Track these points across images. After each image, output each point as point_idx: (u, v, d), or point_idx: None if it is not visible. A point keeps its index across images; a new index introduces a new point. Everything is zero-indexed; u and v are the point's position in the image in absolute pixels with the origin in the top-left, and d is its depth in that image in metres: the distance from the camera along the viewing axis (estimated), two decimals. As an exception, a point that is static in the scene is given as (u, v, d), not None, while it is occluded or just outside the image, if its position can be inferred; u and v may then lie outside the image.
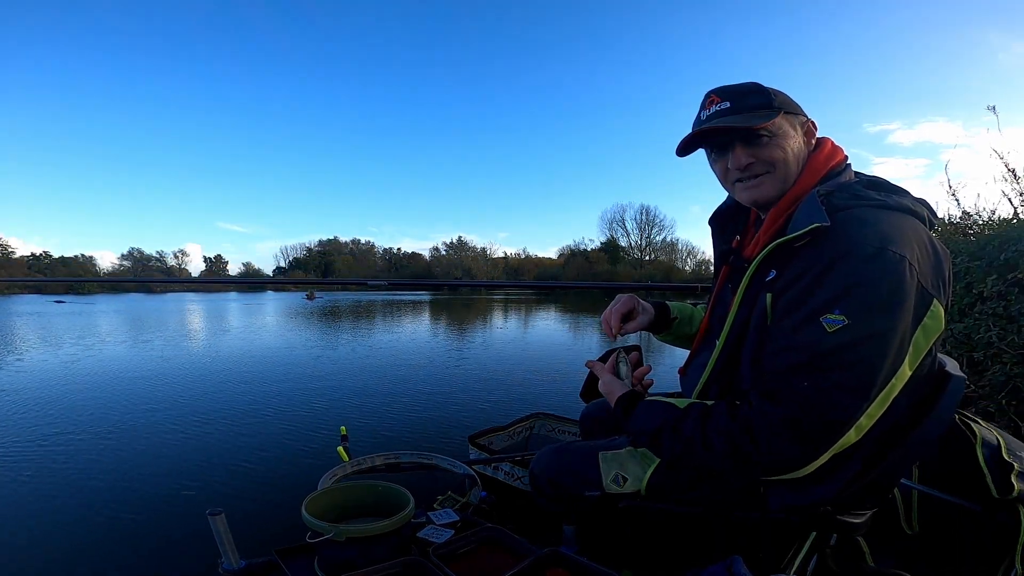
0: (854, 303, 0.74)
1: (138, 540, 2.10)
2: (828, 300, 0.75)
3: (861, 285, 0.74)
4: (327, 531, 1.18)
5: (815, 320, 0.76)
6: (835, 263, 0.77)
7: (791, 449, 0.77)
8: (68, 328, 12.50)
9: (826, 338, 0.74)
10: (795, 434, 0.76)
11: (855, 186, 0.88)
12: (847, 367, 0.73)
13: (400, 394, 4.89)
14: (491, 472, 2.18)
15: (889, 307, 0.74)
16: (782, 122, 0.93)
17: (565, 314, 18.13)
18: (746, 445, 0.79)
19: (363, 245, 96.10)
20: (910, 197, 0.88)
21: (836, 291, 0.75)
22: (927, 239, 0.82)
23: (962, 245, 3.29)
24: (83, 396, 4.84)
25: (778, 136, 0.93)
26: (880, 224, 0.79)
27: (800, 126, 0.96)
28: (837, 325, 0.73)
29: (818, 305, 0.76)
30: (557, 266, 70.11)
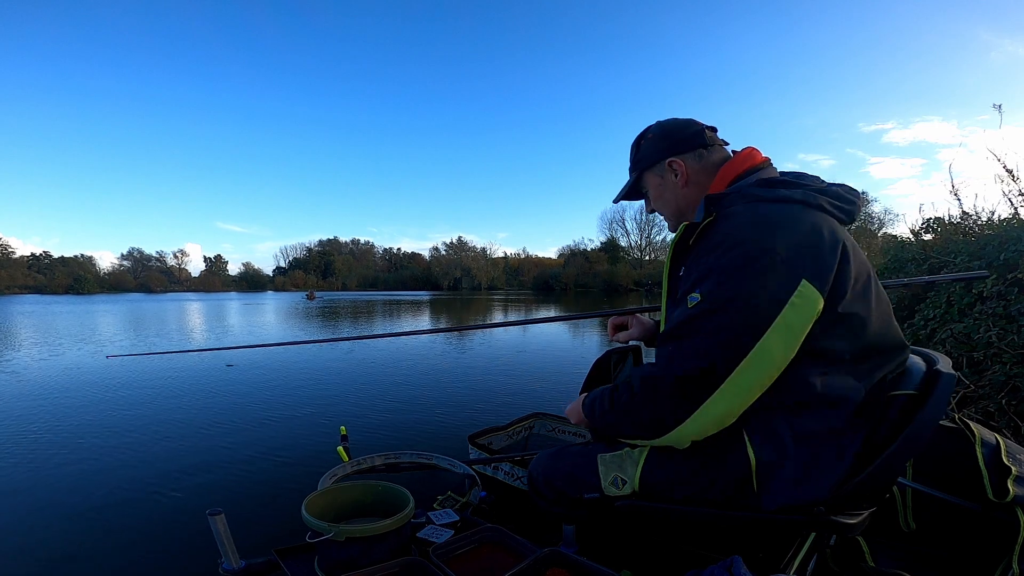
0: (709, 283, 0.86)
1: (138, 540, 2.10)
2: (693, 283, 0.89)
3: (717, 269, 0.86)
4: (327, 531, 1.18)
5: (683, 301, 0.90)
6: (703, 254, 0.90)
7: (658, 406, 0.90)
8: (68, 327, 12.50)
9: (686, 312, 0.88)
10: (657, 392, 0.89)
11: (746, 187, 0.96)
12: (696, 334, 0.86)
13: (400, 394, 4.89)
14: (491, 472, 2.18)
15: (738, 286, 0.83)
16: (646, 177, 1.15)
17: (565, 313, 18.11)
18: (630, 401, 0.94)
19: (363, 245, 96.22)
20: (805, 190, 0.93)
21: (699, 276, 0.88)
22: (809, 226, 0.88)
23: (962, 245, 3.29)
24: (82, 395, 4.84)
25: (651, 190, 1.16)
26: (748, 216, 0.89)
27: (666, 170, 1.11)
28: (695, 302, 0.86)
29: (686, 288, 0.90)
30: (557, 266, 70.06)
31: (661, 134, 1.13)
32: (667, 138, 1.12)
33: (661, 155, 1.11)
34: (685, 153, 1.10)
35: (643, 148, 1.14)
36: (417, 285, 76.58)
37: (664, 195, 1.13)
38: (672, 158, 1.10)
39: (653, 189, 1.14)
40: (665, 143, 1.11)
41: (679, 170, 1.10)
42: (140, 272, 79.32)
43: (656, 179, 1.13)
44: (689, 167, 1.09)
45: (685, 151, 1.10)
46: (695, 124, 1.12)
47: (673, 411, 0.88)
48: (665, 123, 1.14)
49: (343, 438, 2.06)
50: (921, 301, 3.30)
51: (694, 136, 1.11)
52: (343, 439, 2.05)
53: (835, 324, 0.86)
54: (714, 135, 1.11)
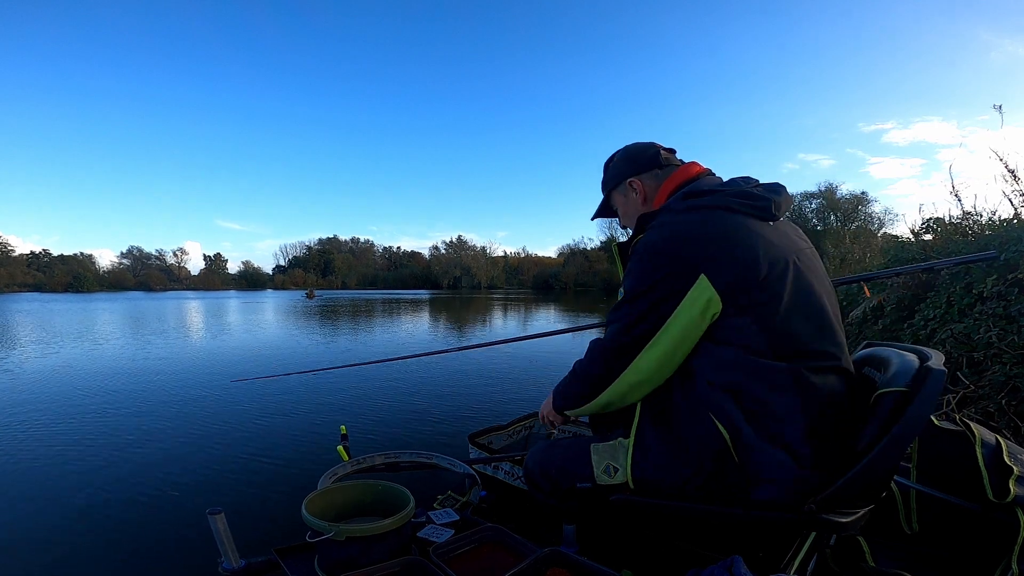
0: (628, 281, 1.09)
1: (138, 540, 2.10)
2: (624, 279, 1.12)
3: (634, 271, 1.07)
4: (327, 530, 1.18)
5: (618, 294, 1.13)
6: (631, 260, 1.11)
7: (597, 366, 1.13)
8: (68, 325, 12.49)
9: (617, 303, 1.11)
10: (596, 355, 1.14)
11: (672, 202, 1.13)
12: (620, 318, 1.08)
13: (400, 393, 4.89)
14: (491, 471, 2.18)
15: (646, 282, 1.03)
16: (614, 196, 1.33)
17: (564, 313, 18.13)
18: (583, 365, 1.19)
19: (362, 244, 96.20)
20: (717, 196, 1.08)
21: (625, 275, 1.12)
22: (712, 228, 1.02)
23: (962, 245, 3.29)
24: (82, 395, 4.84)
25: (618, 207, 1.34)
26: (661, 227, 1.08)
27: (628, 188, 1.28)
28: (620, 295, 1.10)
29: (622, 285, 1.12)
30: (557, 265, 70.06)
31: (624, 157, 1.30)
32: (628, 161, 1.28)
33: (623, 176, 1.28)
34: (643, 174, 1.26)
35: (610, 170, 1.32)
36: (417, 284, 76.55)
37: (628, 211, 1.30)
38: (632, 178, 1.26)
39: (620, 207, 1.33)
40: (626, 165, 1.28)
41: (638, 189, 1.26)
42: (140, 270, 79.27)
43: (620, 198, 1.31)
44: (646, 186, 1.25)
45: (642, 172, 1.26)
46: (653, 147, 1.28)
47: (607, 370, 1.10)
48: (629, 147, 1.31)
49: (343, 437, 2.06)
50: (921, 301, 3.30)
51: (651, 159, 1.26)
52: (343, 438, 2.05)
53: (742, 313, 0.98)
54: (670, 156, 1.27)
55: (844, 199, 32.53)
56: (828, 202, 32.75)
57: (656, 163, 1.25)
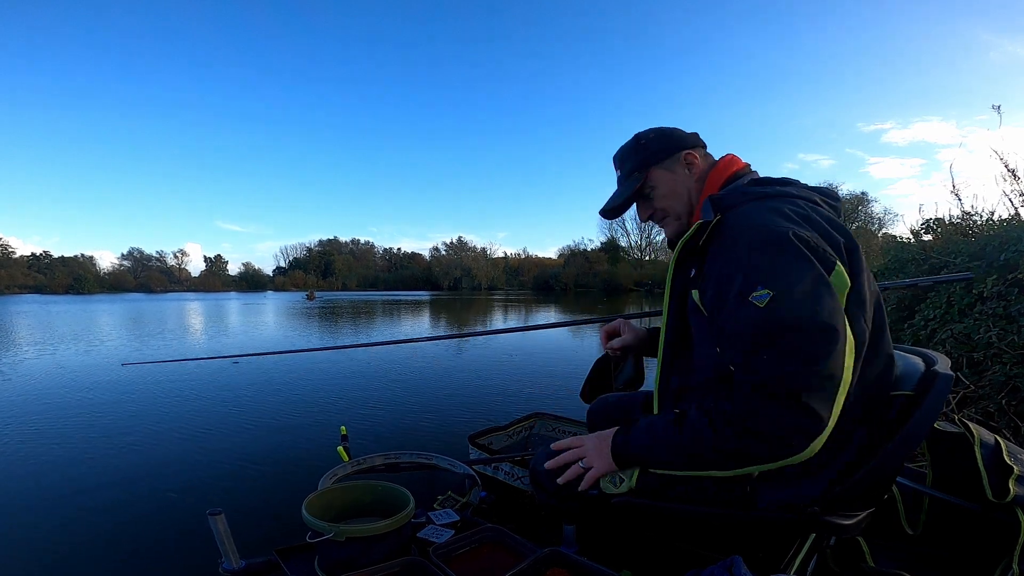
0: (768, 275, 0.81)
1: (138, 540, 2.10)
2: (747, 280, 0.83)
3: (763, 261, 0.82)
4: (327, 531, 1.18)
5: (745, 302, 0.82)
6: (737, 250, 0.86)
7: (781, 419, 0.78)
8: (67, 325, 12.49)
9: (761, 312, 0.80)
10: (774, 403, 0.78)
11: (744, 186, 0.99)
12: (791, 331, 0.78)
13: (400, 394, 4.89)
14: (491, 472, 2.18)
15: (798, 268, 0.81)
16: (655, 174, 1.11)
17: (565, 314, 18.12)
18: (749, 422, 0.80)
19: (363, 245, 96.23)
20: (797, 185, 0.99)
21: (750, 271, 0.83)
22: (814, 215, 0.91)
23: (962, 245, 3.29)
24: (81, 395, 4.84)
25: (658, 187, 1.11)
26: (763, 210, 0.91)
27: (678, 164, 1.11)
28: (766, 298, 0.80)
29: (740, 289, 0.83)
30: (557, 266, 70.00)
31: (664, 133, 1.13)
32: (672, 136, 1.13)
33: (676, 148, 1.11)
34: (696, 148, 1.12)
35: (649, 146, 1.12)
36: (417, 285, 76.55)
37: (676, 190, 1.10)
38: (688, 151, 1.11)
39: (663, 185, 1.11)
40: (672, 140, 1.12)
41: (693, 162, 1.10)
42: (140, 272, 79.31)
43: (665, 175, 1.11)
44: (700, 161, 1.11)
45: (696, 146, 1.12)
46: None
47: (803, 419, 0.76)
48: (658, 127, 1.15)
49: (343, 438, 2.06)
50: (921, 301, 3.30)
51: (694, 136, 1.14)
52: (343, 439, 2.05)
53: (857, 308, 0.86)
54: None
55: (844, 199, 32.33)
56: (828, 203, 32.67)
57: (700, 141, 1.14)
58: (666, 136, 1.13)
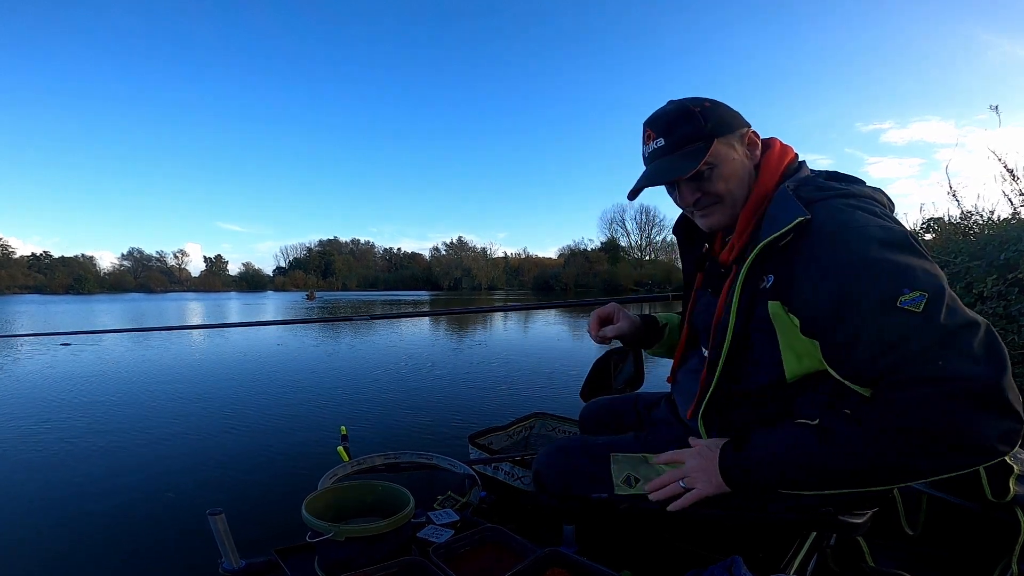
0: (913, 275, 0.72)
1: (138, 540, 2.10)
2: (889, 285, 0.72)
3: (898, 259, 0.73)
4: (327, 531, 1.18)
5: (893, 308, 0.71)
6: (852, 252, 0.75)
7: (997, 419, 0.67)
8: (67, 326, 12.50)
9: (919, 317, 0.70)
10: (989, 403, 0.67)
11: (817, 179, 0.89)
12: (965, 326, 0.70)
13: (400, 394, 4.89)
14: (491, 472, 2.18)
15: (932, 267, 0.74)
16: (719, 148, 0.92)
17: (565, 313, 18.11)
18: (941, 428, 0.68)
19: (363, 245, 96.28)
20: (866, 185, 0.91)
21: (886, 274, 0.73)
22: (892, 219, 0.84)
23: (962, 245, 3.29)
24: (82, 395, 4.84)
25: (719, 165, 0.92)
26: (860, 207, 0.81)
27: (739, 141, 0.94)
28: (921, 301, 0.70)
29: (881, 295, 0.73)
30: (557, 266, 70.02)
31: (720, 104, 0.96)
32: (730, 109, 0.96)
33: (738, 123, 0.94)
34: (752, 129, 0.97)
35: (710, 114, 0.92)
36: (417, 285, 76.58)
37: (738, 172, 0.93)
38: (750, 129, 0.96)
39: (727, 164, 0.92)
40: (733, 113, 0.96)
41: (756, 143, 0.96)
42: (140, 272, 79.32)
43: (727, 151, 0.93)
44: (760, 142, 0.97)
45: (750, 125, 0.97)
46: None
47: (1007, 420, 0.67)
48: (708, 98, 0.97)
49: (343, 438, 2.06)
50: (921, 301, 3.30)
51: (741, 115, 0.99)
52: (343, 439, 2.05)
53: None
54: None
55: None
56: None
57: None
58: (726, 107, 0.96)
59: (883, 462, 0.72)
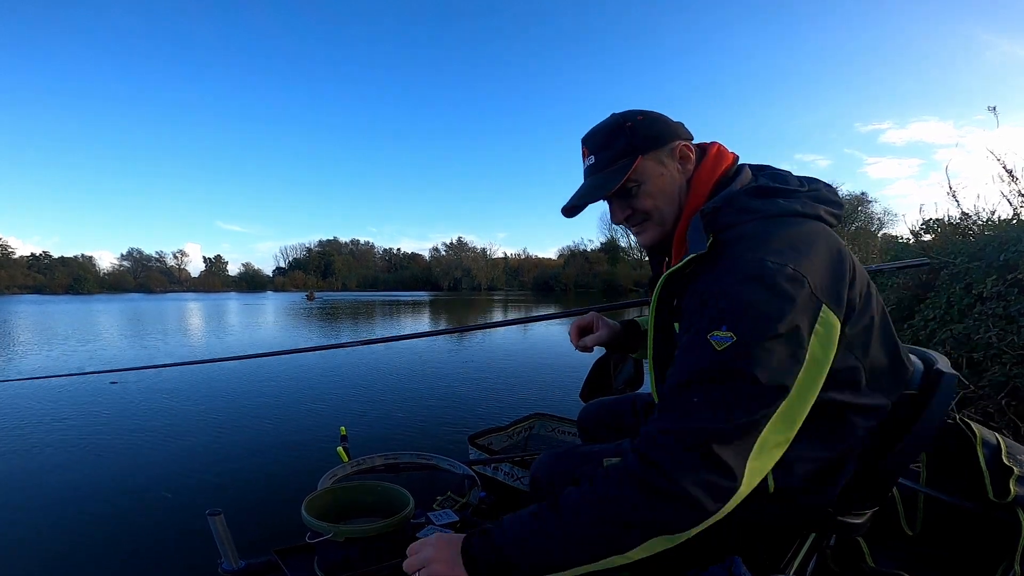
0: (738, 318, 0.71)
1: (137, 540, 2.10)
2: (713, 318, 0.73)
3: (743, 301, 0.72)
4: (327, 531, 1.18)
5: (703, 339, 0.73)
6: (719, 283, 0.76)
7: (693, 473, 0.68)
8: (68, 326, 12.48)
9: (714, 354, 0.71)
10: (688, 454, 0.69)
11: (741, 198, 0.84)
12: (734, 377, 0.70)
13: (400, 394, 4.89)
14: (491, 472, 2.18)
15: (772, 318, 0.71)
16: (645, 165, 0.91)
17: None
18: (652, 478, 0.69)
19: (362, 245, 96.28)
20: (801, 198, 0.85)
21: (721, 310, 0.73)
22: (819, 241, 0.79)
23: (962, 246, 3.29)
24: (81, 395, 4.84)
25: (645, 182, 0.91)
26: (762, 237, 0.78)
27: (669, 155, 0.92)
28: (726, 343, 0.71)
29: (704, 325, 0.74)
30: (557, 266, 70.06)
31: (653, 117, 0.94)
32: (664, 122, 0.94)
33: (669, 136, 0.92)
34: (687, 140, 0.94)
35: (639, 129, 0.91)
36: (417, 285, 76.57)
37: (667, 188, 0.92)
38: (683, 142, 0.92)
39: (653, 181, 0.91)
40: (665, 126, 0.93)
41: (688, 157, 0.93)
42: (140, 272, 79.30)
43: (656, 168, 0.91)
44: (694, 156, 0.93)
45: (685, 138, 0.94)
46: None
47: (719, 479, 0.68)
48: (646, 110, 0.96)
49: (343, 438, 2.06)
50: (921, 301, 3.30)
51: (682, 125, 0.96)
52: (343, 439, 2.05)
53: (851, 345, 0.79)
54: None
55: (844, 199, 32.24)
56: (828, 203, 32.67)
57: (689, 133, 0.96)
58: (658, 120, 0.93)
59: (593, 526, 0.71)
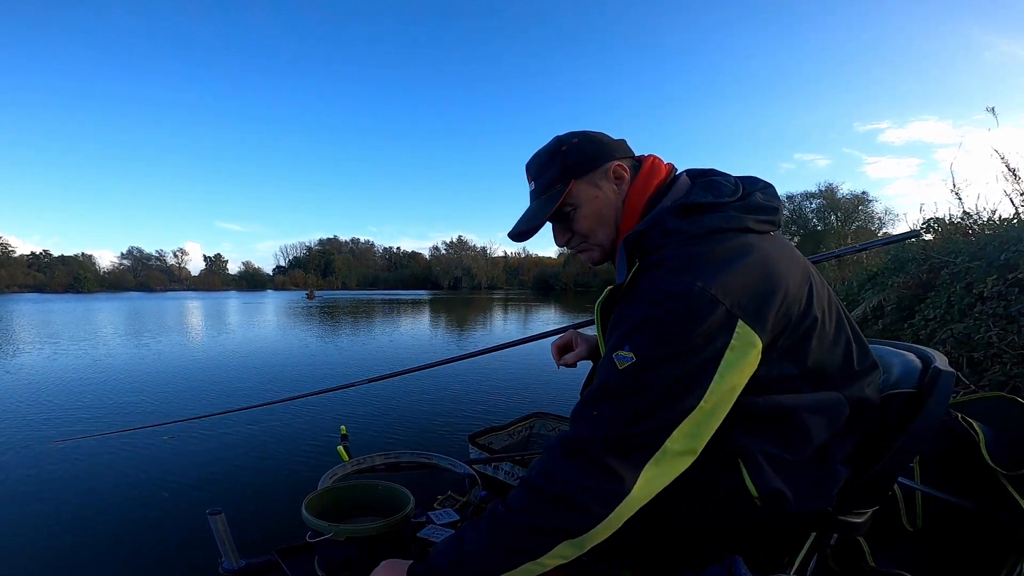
0: (641, 338, 0.74)
1: (138, 540, 2.10)
2: (619, 339, 0.76)
3: (649, 321, 0.74)
4: (327, 530, 1.18)
5: (609, 358, 0.76)
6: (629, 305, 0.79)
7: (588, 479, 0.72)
8: (69, 326, 12.49)
9: (615, 372, 0.74)
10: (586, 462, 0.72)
11: (665, 219, 0.83)
12: (629, 394, 0.73)
13: (400, 393, 4.89)
14: (491, 472, 2.19)
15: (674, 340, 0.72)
16: (580, 188, 0.92)
17: (565, 313, 18.13)
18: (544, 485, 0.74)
19: (362, 244, 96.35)
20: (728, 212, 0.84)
21: (627, 331, 0.76)
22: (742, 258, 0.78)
23: (962, 245, 3.29)
24: (82, 395, 4.84)
25: (581, 205, 0.93)
26: (678, 260, 0.78)
27: (603, 177, 0.93)
28: (627, 362, 0.74)
29: (611, 345, 0.77)
30: (557, 265, 69.99)
31: (590, 137, 0.95)
32: (598, 142, 0.94)
33: (602, 157, 0.93)
34: (625, 159, 0.94)
35: (571, 154, 0.93)
36: (417, 284, 76.59)
37: (602, 211, 0.93)
38: (616, 162, 0.93)
39: (587, 204, 0.93)
40: (599, 147, 0.94)
41: (623, 177, 0.93)
42: (140, 271, 79.35)
43: (591, 191, 0.93)
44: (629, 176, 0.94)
45: (625, 156, 0.95)
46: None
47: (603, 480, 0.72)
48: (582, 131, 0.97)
49: (343, 438, 2.06)
50: (921, 301, 3.30)
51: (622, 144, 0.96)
52: (343, 439, 2.05)
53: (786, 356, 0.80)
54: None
55: (845, 199, 32.54)
56: (828, 202, 32.75)
57: (628, 150, 0.97)
58: (593, 141, 0.94)
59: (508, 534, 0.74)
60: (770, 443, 0.84)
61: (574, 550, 0.75)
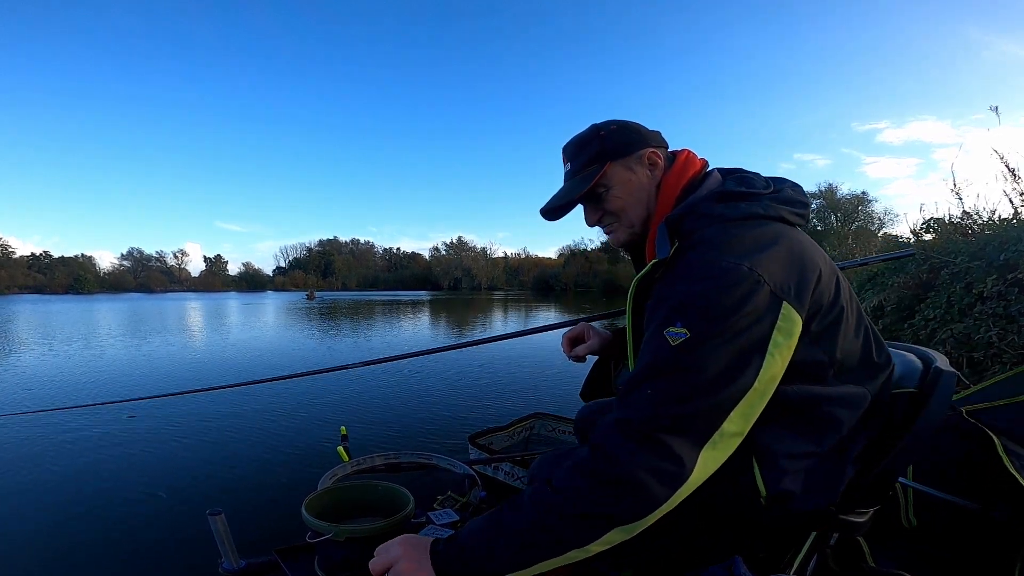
0: (692, 315, 0.74)
1: (138, 540, 2.10)
2: (668, 314, 0.76)
3: (699, 299, 0.74)
4: (327, 531, 1.18)
5: (659, 334, 0.75)
6: (677, 283, 0.79)
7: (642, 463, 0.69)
8: (71, 325, 12.48)
9: (668, 348, 0.74)
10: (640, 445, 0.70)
11: (704, 204, 0.87)
12: (687, 370, 0.72)
13: (400, 394, 4.89)
14: (491, 472, 2.19)
15: (726, 314, 0.73)
16: (615, 170, 0.96)
17: (565, 313, 18.12)
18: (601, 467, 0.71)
19: (362, 245, 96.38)
20: (765, 202, 0.87)
21: (676, 305, 0.76)
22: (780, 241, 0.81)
23: (962, 245, 3.29)
24: (81, 395, 4.84)
25: (614, 187, 0.97)
26: (721, 240, 0.80)
27: (638, 162, 0.97)
28: (680, 338, 0.73)
29: (660, 321, 0.77)
30: (557, 266, 70.03)
31: (627, 125, 1.00)
32: (634, 130, 0.99)
33: (638, 144, 0.97)
34: (658, 148, 0.98)
35: (609, 137, 0.97)
36: (417, 285, 76.62)
37: (635, 192, 0.97)
38: (651, 149, 0.97)
39: (621, 185, 0.97)
40: (635, 134, 0.98)
41: (657, 163, 0.97)
42: (140, 272, 79.37)
43: (625, 174, 0.97)
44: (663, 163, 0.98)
45: (660, 145, 0.99)
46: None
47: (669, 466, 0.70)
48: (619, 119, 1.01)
49: (343, 438, 2.06)
50: (921, 301, 3.30)
51: (657, 135, 1.00)
52: (343, 439, 2.05)
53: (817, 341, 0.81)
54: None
55: (845, 199, 32.56)
56: (828, 202, 32.75)
57: (663, 140, 1.00)
58: (629, 129, 0.99)
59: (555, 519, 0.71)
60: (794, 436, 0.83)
61: (623, 535, 0.72)
